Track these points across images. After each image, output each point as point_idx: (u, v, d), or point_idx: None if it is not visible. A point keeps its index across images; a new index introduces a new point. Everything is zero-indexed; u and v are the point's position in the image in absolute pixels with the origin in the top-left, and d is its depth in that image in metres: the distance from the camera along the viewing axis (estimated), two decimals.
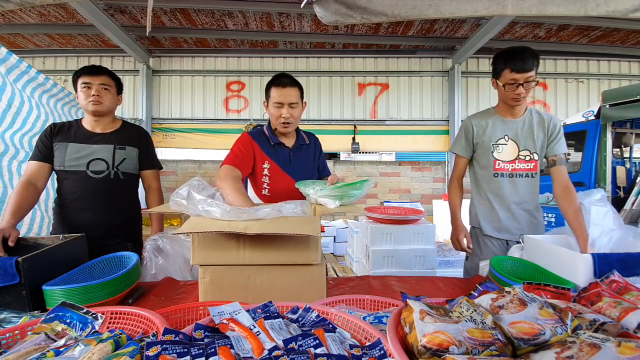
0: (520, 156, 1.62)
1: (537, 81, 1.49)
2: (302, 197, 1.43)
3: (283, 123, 1.51)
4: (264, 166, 1.56)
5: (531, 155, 1.61)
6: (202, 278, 0.97)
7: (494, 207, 1.65)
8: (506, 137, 1.63)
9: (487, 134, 1.64)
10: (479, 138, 1.66)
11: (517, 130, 1.62)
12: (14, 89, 1.91)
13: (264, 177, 1.57)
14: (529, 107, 1.66)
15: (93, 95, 1.54)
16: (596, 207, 1.27)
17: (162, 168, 1.82)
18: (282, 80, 1.51)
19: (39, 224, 2.18)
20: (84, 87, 1.55)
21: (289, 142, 1.63)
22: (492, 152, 1.64)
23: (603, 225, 1.24)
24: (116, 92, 1.65)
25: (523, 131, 1.62)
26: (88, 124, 1.62)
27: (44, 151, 1.54)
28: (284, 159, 1.59)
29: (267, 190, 1.57)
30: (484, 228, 1.69)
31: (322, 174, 1.74)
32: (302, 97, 1.56)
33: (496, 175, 1.64)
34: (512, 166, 1.63)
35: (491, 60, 1.58)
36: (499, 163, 1.63)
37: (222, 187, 1.29)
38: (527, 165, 1.62)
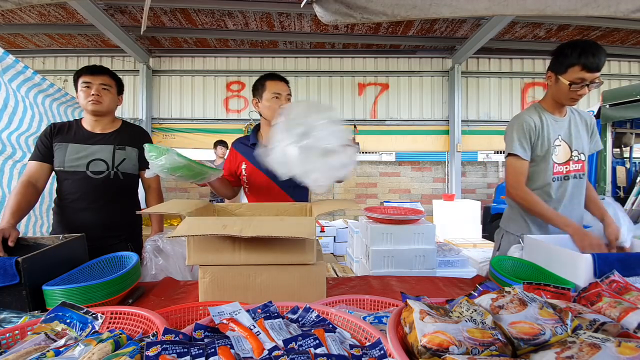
0: (573, 157, 1.51)
1: (602, 82, 1.36)
2: (280, 195, 1.59)
3: None
4: (241, 167, 1.65)
5: (579, 156, 1.52)
6: (202, 278, 0.97)
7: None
8: (560, 138, 1.50)
9: (545, 133, 1.47)
10: (539, 138, 1.48)
11: (567, 129, 1.51)
12: (8, 88, 1.90)
13: (243, 176, 1.66)
14: (565, 105, 1.52)
15: (93, 95, 1.54)
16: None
17: None
18: (276, 75, 1.61)
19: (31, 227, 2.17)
20: (84, 87, 1.55)
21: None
22: (552, 155, 1.49)
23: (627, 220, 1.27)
24: (116, 92, 1.65)
25: (572, 130, 1.51)
26: (88, 124, 1.62)
27: (44, 151, 1.54)
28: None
29: (247, 189, 1.68)
30: (534, 232, 1.53)
31: None
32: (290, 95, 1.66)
33: (554, 179, 1.51)
34: (567, 168, 1.52)
35: (555, 51, 1.41)
36: (556, 166, 1.51)
37: None
38: (576, 166, 1.53)
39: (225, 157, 3.87)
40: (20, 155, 2.02)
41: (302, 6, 1.56)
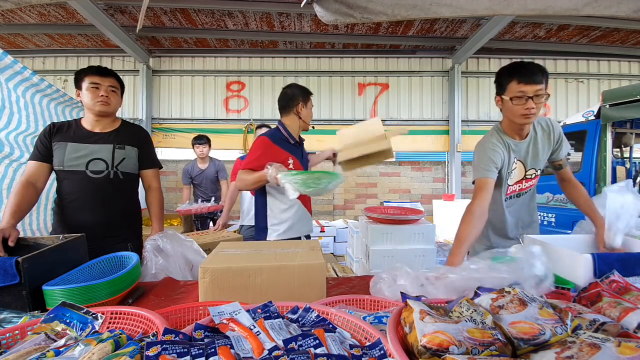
0: (527, 176, 1.55)
1: (549, 95, 1.35)
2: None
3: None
4: (289, 162, 1.76)
5: (536, 172, 1.56)
6: (202, 278, 0.97)
7: (504, 225, 1.60)
8: (515, 160, 1.52)
9: (505, 159, 1.49)
10: (502, 163, 1.49)
11: (525, 151, 1.51)
12: (7, 88, 1.90)
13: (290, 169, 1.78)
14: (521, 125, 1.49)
15: (102, 96, 1.55)
16: (612, 194, 1.30)
17: (162, 167, 1.82)
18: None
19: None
20: (93, 87, 1.55)
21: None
22: (507, 180, 1.53)
23: (620, 211, 1.27)
24: (121, 94, 1.67)
25: (530, 151, 1.51)
26: (88, 123, 1.62)
27: (43, 151, 1.54)
28: (301, 155, 1.88)
29: None
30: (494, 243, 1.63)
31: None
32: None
33: (506, 199, 1.57)
34: (519, 186, 1.56)
35: (494, 78, 1.45)
36: (509, 188, 1.55)
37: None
38: (529, 184, 1.57)
39: (203, 154, 3.70)
40: (17, 155, 2.01)
41: (302, 6, 1.56)
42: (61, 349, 0.63)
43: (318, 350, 0.58)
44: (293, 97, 1.83)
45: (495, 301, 0.67)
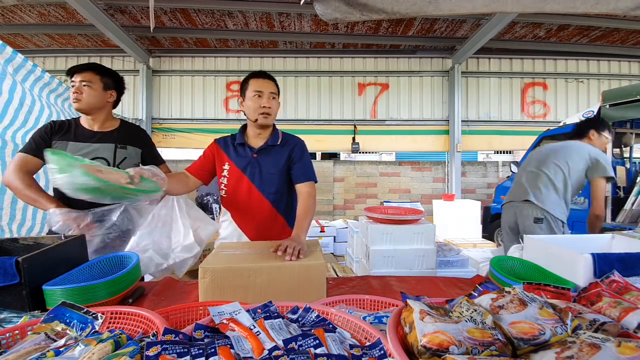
0: None
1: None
2: (260, 200, 1.53)
3: (263, 113, 1.48)
4: (223, 167, 1.56)
5: None
6: (202, 278, 0.97)
7: None
8: None
9: None
10: None
11: None
12: (23, 88, 1.90)
13: (223, 177, 1.56)
14: None
15: (74, 92, 1.52)
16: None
17: (164, 162, 1.82)
18: (259, 73, 1.54)
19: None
20: (72, 86, 1.54)
21: (258, 142, 1.57)
22: None
23: None
24: (102, 87, 1.57)
25: None
26: (85, 122, 1.61)
27: (42, 147, 1.50)
28: (245, 159, 1.55)
29: (224, 191, 1.57)
30: None
31: (296, 179, 1.57)
32: (278, 94, 1.57)
33: None
34: None
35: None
36: None
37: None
38: None
39: None
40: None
41: (301, 3, 1.56)
42: (61, 349, 0.63)
43: (318, 350, 0.58)
44: (240, 93, 1.62)
45: (495, 301, 0.67)
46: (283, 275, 0.99)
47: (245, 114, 1.57)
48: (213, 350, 0.58)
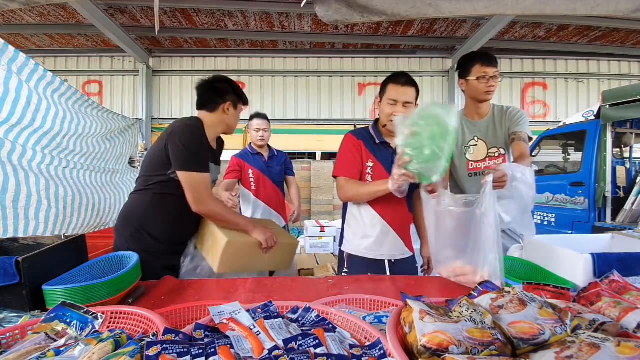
0: (489, 154, 1.70)
1: (503, 77, 1.64)
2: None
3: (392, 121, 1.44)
4: (367, 164, 1.55)
5: (498, 151, 1.69)
6: (227, 248, 1.27)
7: None
8: (476, 138, 1.71)
9: (459, 135, 1.71)
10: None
11: (485, 130, 1.69)
12: (29, 87, 1.87)
13: (367, 175, 1.54)
14: (492, 105, 1.73)
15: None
16: None
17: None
18: (399, 77, 1.52)
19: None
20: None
21: (393, 143, 1.53)
22: (465, 154, 1.72)
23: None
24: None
25: (489, 130, 1.69)
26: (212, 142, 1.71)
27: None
28: (387, 158, 1.55)
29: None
30: None
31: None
32: (417, 98, 1.54)
33: (470, 175, 1.73)
34: (484, 164, 1.70)
35: (458, 65, 1.70)
36: (471, 164, 1.72)
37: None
38: (497, 162, 1.68)
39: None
40: (40, 158, 1.93)
41: (302, 5, 1.56)
42: (61, 349, 0.63)
43: (318, 350, 0.59)
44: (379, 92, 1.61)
45: (495, 301, 0.67)
46: (285, 250, 1.54)
47: (378, 113, 1.62)
48: (213, 350, 0.58)
